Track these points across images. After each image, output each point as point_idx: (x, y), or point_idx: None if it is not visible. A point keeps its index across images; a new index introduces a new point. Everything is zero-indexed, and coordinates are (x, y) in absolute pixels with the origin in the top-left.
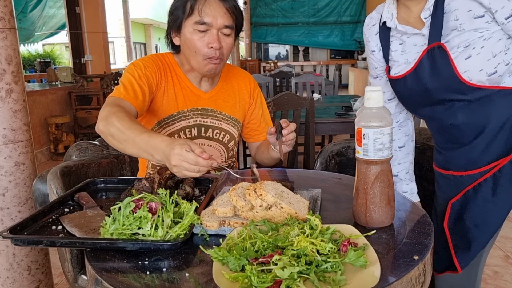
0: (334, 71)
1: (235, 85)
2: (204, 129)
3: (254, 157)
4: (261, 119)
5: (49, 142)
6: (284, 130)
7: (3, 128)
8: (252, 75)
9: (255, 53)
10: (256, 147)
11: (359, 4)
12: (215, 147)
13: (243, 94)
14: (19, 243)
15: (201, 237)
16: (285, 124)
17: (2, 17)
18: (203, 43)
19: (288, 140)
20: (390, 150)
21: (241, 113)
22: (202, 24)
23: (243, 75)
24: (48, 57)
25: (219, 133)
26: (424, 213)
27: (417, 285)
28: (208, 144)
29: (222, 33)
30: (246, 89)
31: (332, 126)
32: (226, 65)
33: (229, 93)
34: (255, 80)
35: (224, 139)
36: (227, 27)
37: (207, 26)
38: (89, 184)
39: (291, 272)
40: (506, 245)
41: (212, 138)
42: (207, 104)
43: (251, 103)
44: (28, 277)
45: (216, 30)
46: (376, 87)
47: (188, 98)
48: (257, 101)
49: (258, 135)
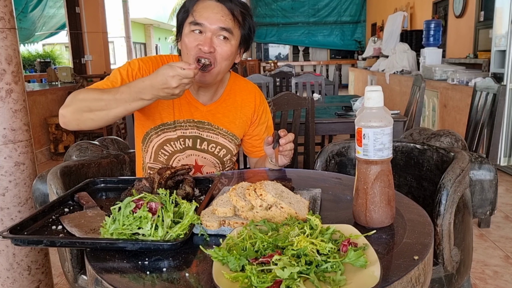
0: (334, 71)
1: (239, 100)
2: (199, 141)
3: (253, 168)
4: (263, 136)
5: (49, 142)
6: (281, 140)
7: (3, 128)
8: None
9: (255, 53)
10: (255, 161)
11: (359, 4)
12: (209, 160)
13: (246, 111)
14: (19, 243)
15: (201, 237)
16: (283, 134)
17: (2, 17)
18: (194, 43)
19: (286, 150)
20: (390, 150)
21: (240, 130)
22: (196, 24)
23: (250, 89)
24: (48, 57)
25: (214, 147)
26: (424, 213)
27: (417, 285)
28: (203, 157)
29: (219, 38)
30: (250, 106)
31: (332, 126)
32: (233, 76)
33: (230, 108)
34: (262, 94)
35: (220, 153)
36: (224, 29)
37: (201, 27)
38: (89, 184)
39: (291, 272)
40: (506, 245)
41: (207, 151)
42: (204, 117)
43: (254, 120)
44: (28, 277)
45: (211, 33)
46: (376, 87)
47: (184, 108)
48: (262, 118)
49: (258, 151)
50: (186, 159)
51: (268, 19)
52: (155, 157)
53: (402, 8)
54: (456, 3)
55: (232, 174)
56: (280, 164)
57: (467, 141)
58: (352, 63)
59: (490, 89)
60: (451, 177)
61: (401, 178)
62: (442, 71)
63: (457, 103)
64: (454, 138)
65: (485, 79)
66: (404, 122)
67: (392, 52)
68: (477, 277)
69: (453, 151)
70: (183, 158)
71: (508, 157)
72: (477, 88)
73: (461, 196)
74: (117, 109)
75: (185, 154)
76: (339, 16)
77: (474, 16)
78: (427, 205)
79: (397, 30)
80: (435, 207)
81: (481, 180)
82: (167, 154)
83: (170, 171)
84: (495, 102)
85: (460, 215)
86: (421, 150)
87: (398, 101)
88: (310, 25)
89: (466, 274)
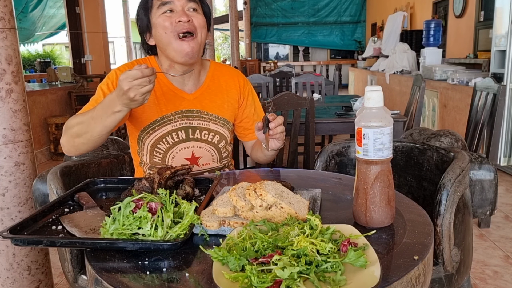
0: (334, 71)
1: (223, 84)
2: (191, 131)
3: (250, 155)
4: (253, 117)
5: (49, 142)
6: (271, 124)
7: (3, 128)
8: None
9: (255, 53)
10: (251, 145)
11: (359, 4)
12: (205, 149)
13: (232, 93)
14: (19, 243)
15: (201, 237)
16: (272, 117)
17: (2, 17)
18: (171, 22)
19: (276, 133)
20: (390, 150)
21: (230, 113)
22: (165, 4)
23: (232, 73)
24: (48, 57)
25: (207, 134)
26: (424, 213)
27: (417, 285)
28: (198, 146)
29: (189, 11)
30: (235, 88)
31: (332, 126)
32: (213, 63)
33: (216, 92)
34: (245, 77)
35: (214, 139)
36: (191, 1)
37: (170, 5)
38: (89, 184)
39: (291, 272)
40: (506, 245)
41: (201, 139)
42: (192, 105)
43: (242, 102)
44: (28, 277)
45: (181, 7)
46: (376, 87)
47: (171, 101)
48: (248, 99)
49: (251, 134)
50: (182, 153)
51: (268, 19)
52: (151, 158)
53: (402, 8)
54: (456, 3)
55: (232, 174)
56: (273, 147)
57: (467, 141)
58: (352, 63)
59: (490, 89)
60: (451, 177)
61: (401, 178)
62: (442, 71)
63: (457, 103)
64: (454, 138)
65: (485, 79)
66: (404, 122)
67: (392, 52)
68: (477, 277)
69: (453, 151)
70: (177, 153)
71: (508, 157)
72: (477, 88)
73: (461, 196)
74: (97, 128)
75: (179, 148)
76: (339, 16)
77: (474, 16)
78: (427, 205)
79: (397, 30)
80: (435, 207)
81: (481, 180)
82: (162, 152)
83: (170, 171)
84: (495, 102)
85: (460, 215)
86: (421, 150)
87: (398, 101)
88: (310, 25)
89: (466, 274)
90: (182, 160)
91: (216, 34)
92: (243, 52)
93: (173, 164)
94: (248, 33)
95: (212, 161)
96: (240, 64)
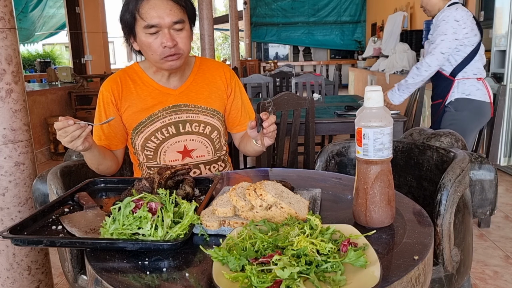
0: (334, 71)
1: (209, 76)
2: (181, 125)
3: (238, 147)
4: (241, 109)
5: (49, 142)
6: (264, 123)
7: (3, 128)
8: (252, 75)
9: (255, 53)
10: (239, 137)
11: (359, 4)
12: (198, 141)
13: (219, 84)
14: (19, 243)
15: (201, 237)
16: (265, 117)
17: (2, 17)
18: (157, 44)
19: (269, 132)
20: (390, 150)
21: (219, 103)
22: (151, 27)
23: (218, 66)
24: (48, 57)
25: (198, 126)
26: (424, 213)
27: (417, 285)
28: (191, 139)
29: (174, 30)
30: (221, 80)
31: (332, 126)
32: (199, 58)
33: (203, 85)
34: (231, 69)
35: (206, 131)
36: (177, 22)
37: (156, 28)
38: (89, 184)
39: (291, 272)
40: (506, 245)
41: (192, 132)
42: (178, 99)
43: (230, 93)
44: (28, 277)
45: (167, 29)
46: (376, 87)
47: (157, 99)
48: (236, 91)
49: (240, 126)
50: (173, 147)
51: (268, 19)
52: (144, 156)
53: (402, 8)
54: None
55: (232, 174)
56: (266, 145)
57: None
58: (352, 63)
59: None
60: (451, 177)
61: (401, 178)
62: None
63: None
64: (454, 138)
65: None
66: (404, 122)
67: (392, 52)
68: (477, 277)
69: (453, 151)
70: (168, 147)
71: (508, 157)
72: None
73: (461, 196)
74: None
75: (170, 142)
76: (339, 16)
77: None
78: (427, 205)
79: (397, 30)
80: (435, 207)
81: (481, 180)
82: (153, 149)
83: (170, 171)
84: (495, 102)
85: (460, 215)
86: (421, 150)
87: None
88: (310, 25)
89: (466, 274)
90: (175, 154)
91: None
92: (243, 52)
93: (166, 158)
94: (248, 33)
95: (207, 153)
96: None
